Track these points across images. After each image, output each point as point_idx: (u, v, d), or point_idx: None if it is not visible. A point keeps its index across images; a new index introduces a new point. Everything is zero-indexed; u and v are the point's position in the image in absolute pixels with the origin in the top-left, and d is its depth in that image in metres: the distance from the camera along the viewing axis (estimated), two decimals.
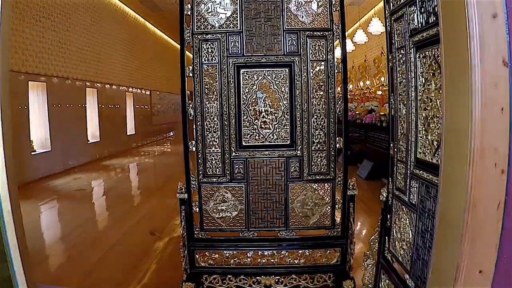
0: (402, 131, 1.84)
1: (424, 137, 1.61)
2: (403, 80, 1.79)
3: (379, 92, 7.76)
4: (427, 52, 1.55)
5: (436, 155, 1.51)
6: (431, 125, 1.55)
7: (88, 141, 8.91)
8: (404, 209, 1.85)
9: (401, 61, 1.79)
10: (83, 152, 8.52)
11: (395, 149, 1.94)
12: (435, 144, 1.53)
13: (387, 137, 5.37)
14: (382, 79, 7.92)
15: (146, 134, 12.77)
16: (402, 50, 1.78)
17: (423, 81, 1.60)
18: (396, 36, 1.83)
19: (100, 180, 6.90)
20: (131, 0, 10.61)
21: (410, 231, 1.80)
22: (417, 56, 1.64)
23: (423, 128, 1.62)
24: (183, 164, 2.18)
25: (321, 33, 2.13)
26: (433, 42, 1.48)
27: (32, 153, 6.72)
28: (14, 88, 6.17)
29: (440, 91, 1.45)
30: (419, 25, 1.59)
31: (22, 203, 4.98)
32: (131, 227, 3.96)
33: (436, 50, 1.47)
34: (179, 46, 2.14)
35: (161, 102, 14.30)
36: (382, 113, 5.54)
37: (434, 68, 1.50)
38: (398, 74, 1.84)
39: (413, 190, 1.75)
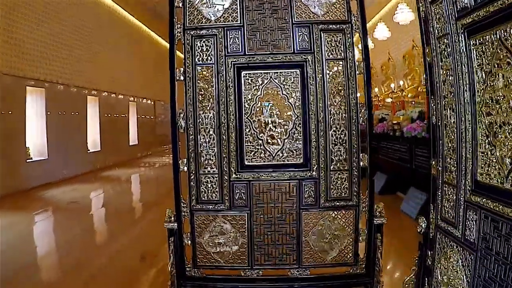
0: (450, 144, 1.44)
1: (489, 152, 1.21)
2: (450, 78, 1.40)
3: (389, 100, 7.42)
4: (487, 37, 1.17)
5: (510, 178, 1.09)
6: (499, 136, 1.14)
7: (88, 150, 8.74)
8: (454, 246, 1.47)
9: (445, 53, 1.41)
10: (83, 161, 8.33)
11: (439, 168, 1.51)
12: (508, 163, 1.10)
13: (402, 147, 4.95)
14: (392, 85, 7.60)
15: (149, 144, 12.62)
16: (445, 39, 1.41)
17: (484, 76, 1.20)
18: (435, 22, 1.46)
19: (98, 192, 6.66)
20: (135, 9, 10.58)
21: (463, 276, 1.41)
22: (470, 43, 1.25)
23: (487, 141, 1.21)
24: (185, 178, 1.90)
25: (338, 26, 1.80)
26: (497, 21, 1.09)
27: (28, 160, 6.56)
28: (10, 93, 5.99)
29: None
30: (471, 2, 1.21)
31: (12, 213, 4.57)
32: (122, 248, 3.62)
33: (503, 31, 1.07)
34: (179, 53, 1.82)
35: (166, 112, 14.22)
36: (395, 122, 5.18)
37: (501, 57, 1.11)
38: (441, 71, 1.46)
39: (469, 223, 1.36)
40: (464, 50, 1.29)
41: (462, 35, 1.29)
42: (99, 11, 9.22)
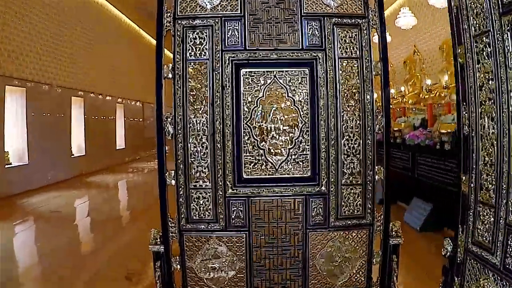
0: (487, 158, 1.24)
1: None
2: (489, 82, 1.20)
3: None
4: None
5: None
6: None
7: (72, 154, 8.38)
8: (490, 274, 1.35)
9: (484, 54, 1.23)
10: (66, 166, 7.95)
11: (472, 185, 1.31)
12: None
13: (404, 155, 4.77)
14: (392, 91, 7.52)
15: (137, 148, 12.25)
16: (484, 37, 1.21)
17: None
18: (471, 18, 1.25)
19: (82, 200, 6.33)
20: (125, 7, 10.29)
21: None
22: None
23: None
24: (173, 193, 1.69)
25: (353, 20, 1.63)
26: None
27: (7, 166, 6.20)
28: None
29: None
30: None
31: None
32: (107, 262, 3.35)
33: None
34: (169, 53, 1.60)
35: (155, 115, 13.88)
36: (395, 129, 5.03)
37: None
38: (477, 74, 1.26)
39: (511, 250, 1.13)
40: (511, 50, 1.09)
41: (509, 33, 1.10)
42: (87, 9, 8.89)
